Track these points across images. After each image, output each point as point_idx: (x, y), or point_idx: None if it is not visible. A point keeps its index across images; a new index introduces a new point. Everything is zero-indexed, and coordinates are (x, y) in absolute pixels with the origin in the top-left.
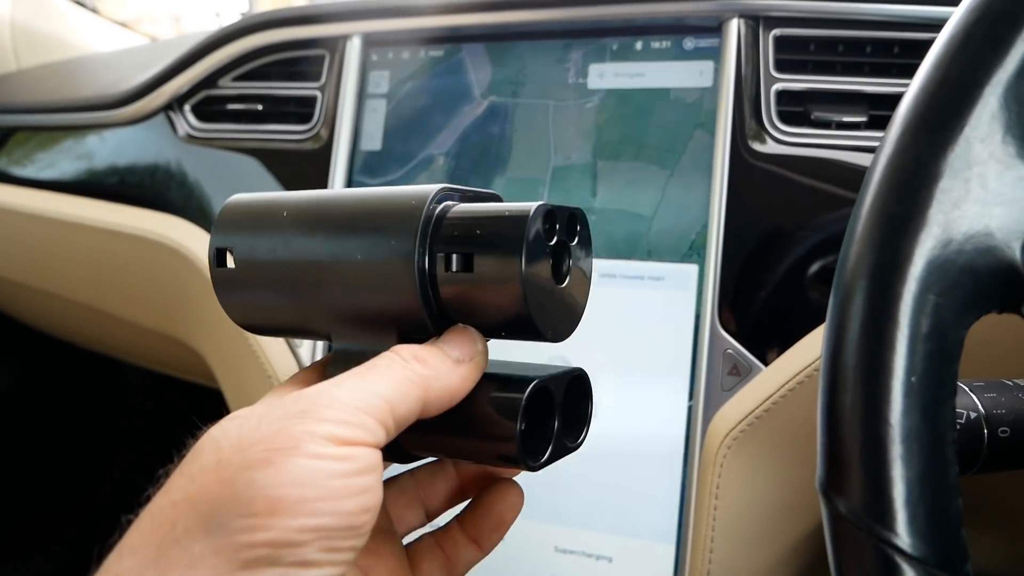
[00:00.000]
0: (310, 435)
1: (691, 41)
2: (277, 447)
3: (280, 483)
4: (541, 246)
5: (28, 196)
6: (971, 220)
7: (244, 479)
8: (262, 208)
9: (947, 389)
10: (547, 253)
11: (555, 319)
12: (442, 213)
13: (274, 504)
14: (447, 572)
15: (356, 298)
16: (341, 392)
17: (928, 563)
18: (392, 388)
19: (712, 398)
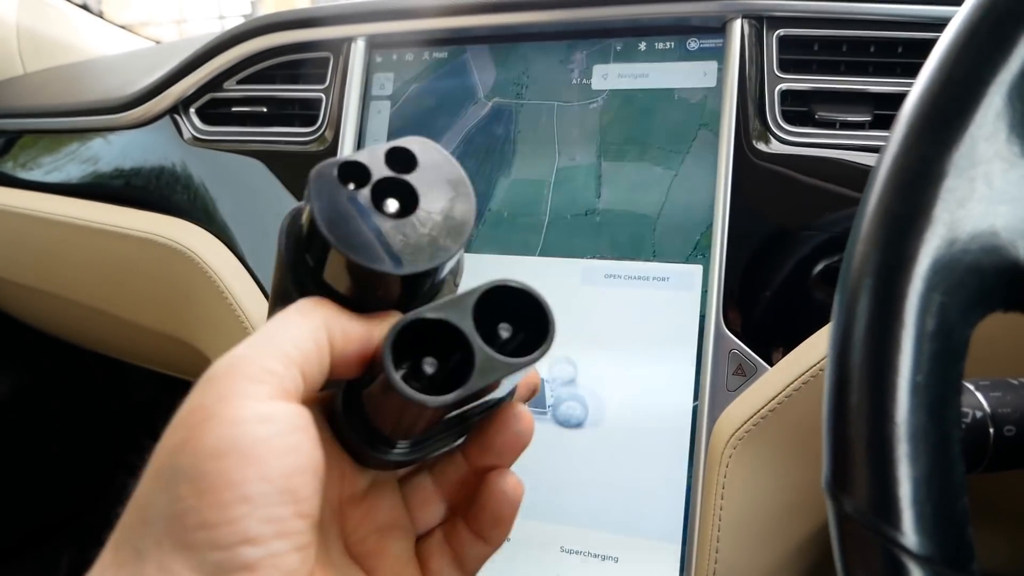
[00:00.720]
0: (222, 399)
1: (695, 41)
2: (193, 423)
3: (199, 460)
4: (341, 194)
5: (34, 199)
6: (976, 219)
7: (167, 466)
8: None
9: (953, 388)
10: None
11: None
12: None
13: (196, 484)
14: (458, 568)
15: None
16: (243, 348)
17: (935, 562)
18: (291, 327)
19: (717, 398)
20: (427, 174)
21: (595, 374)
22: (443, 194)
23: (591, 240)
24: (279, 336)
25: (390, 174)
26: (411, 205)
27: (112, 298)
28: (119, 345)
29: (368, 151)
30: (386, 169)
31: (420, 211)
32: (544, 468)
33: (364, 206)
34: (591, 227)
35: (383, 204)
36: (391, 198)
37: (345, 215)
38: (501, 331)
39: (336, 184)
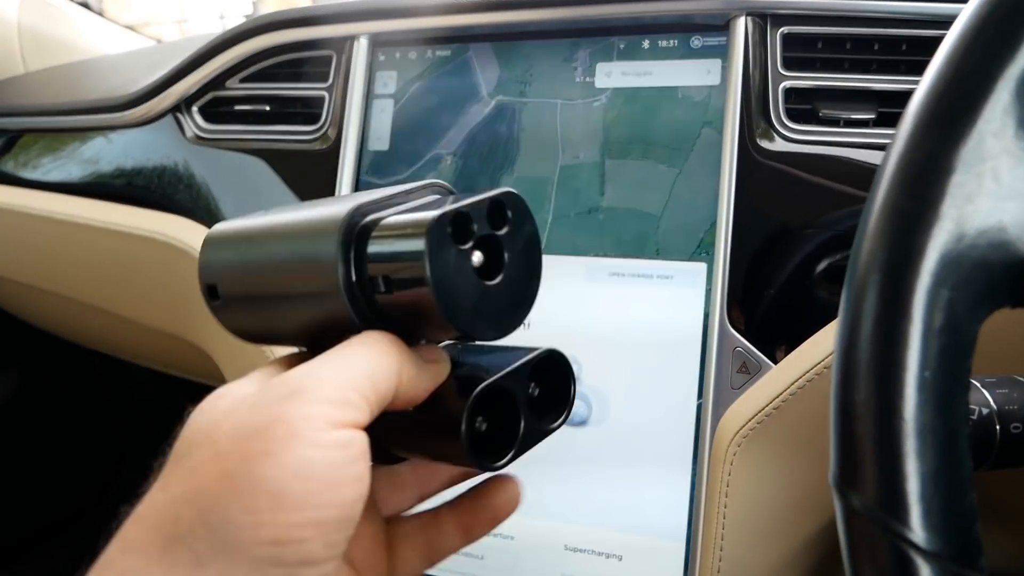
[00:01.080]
0: (307, 419)
1: (698, 39)
2: (277, 436)
3: (282, 476)
4: (450, 254)
5: (36, 198)
6: (984, 215)
7: (244, 473)
8: (233, 240)
9: (961, 384)
10: (465, 256)
11: (495, 316)
12: (364, 230)
13: (276, 500)
14: (425, 558)
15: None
16: (325, 371)
17: (943, 558)
18: (371, 362)
19: (721, 396)
20: (513, 232)
21: (599, 372)
22: (522, 258)
23: (595, 238)
24: (361, 369)
25: (489, 231)
26: (497, 265)
27: (114, 297)
28: (121, 344)
29: (471, 202)
30: (486, 224)
31: (505, 275)
32: (548, 466)
33: (469, 269)
34: (595, 225)
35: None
36: (477, 251)
37: (452, 278)
38: (532, 389)
39: (449, 243)
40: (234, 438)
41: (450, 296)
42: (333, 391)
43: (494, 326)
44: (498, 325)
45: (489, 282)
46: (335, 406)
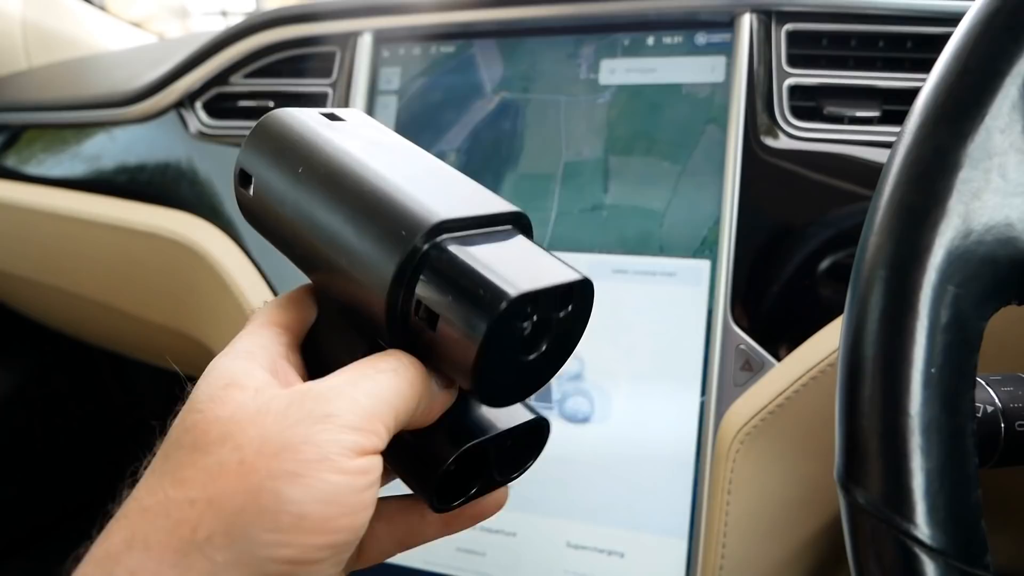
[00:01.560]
0: (336, 445)
1: (703, 36)
2: (306, 459)
3: (308, 499)
4: (510, 328)
5: (40, 193)
6: (991, 211)
7: (272, 491)
8: (287, 148)
9: (967, 380)
10: (519, 331)
11: (510, 386)
12: (431, 252)
13: (300, 522)
14: (398, 542)
15: (338, 287)
16: (359, 395)
17: (948, 554)
18: (399, 393)
19: (724, 394)
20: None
21: (602, 369)
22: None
23: (598, 235)
24: (391, 400)
25: (550, 314)
26: (538, 342)
27: (118, 293)
28: (125, 340)
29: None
30: (552, 307)
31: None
32: (550, 463)
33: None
34: (598, 222)
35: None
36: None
37: (497, 351)
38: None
39: (514, 320)
40: (261, 451)
41: (487, 366)
42: (363, 419)
43: (503, 395)
44: (506, 395)
45: (527, 357)
46: (363, 434)
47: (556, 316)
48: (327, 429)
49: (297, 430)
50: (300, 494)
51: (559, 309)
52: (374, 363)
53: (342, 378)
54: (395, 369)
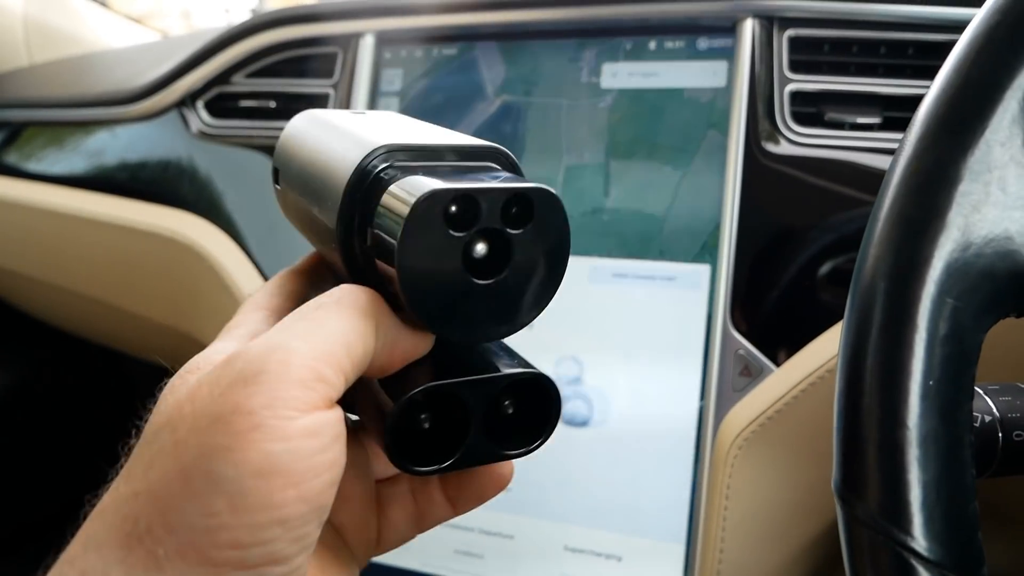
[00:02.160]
0: (271, 409)
1: (705, 41)
2: (237, 430)
3: (242, 475)
4: (438, 236)
5: (40, 191)
6: (990, 224)
7: (203, 471)
8: (302, 134)
9: (965, 392)
10: (455, 243)
11: (475, 319)
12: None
13: (235, 501)
14: (415, 523)
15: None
16: (294, 343)
17: (944, 566)
18: (346, 325)
19: (723, 399)
20: (534, 234)
21: (601, 373)
22: (536, 267)
23: (599, 239)
24: (333, 334)
25: (499, 227)
26: (500, 265)
27: (117, 291)
28: (123, 338)
29: (489, 186)
30: (499, 218)
31: (503, 279)
32: (549, 466)
33: (457, 261)
34: (599, 226)
35: (473, 247)
36: (482, 242)
37: (428, 265)
38: (506, 406)
39: (440, 226)
40: (193, 428)
41: (419, 285)
42: (303, 369)
43: (463, 329)
44: (469, 330)
45: (480, 280)
46: (304, 387)
47: (512, 234)
48: (259, 391)
49: (227, 398)
50: (232, 470)
51: (514, 225)
52: (315, 302)
53: (280, 330)
54: (340, 301)
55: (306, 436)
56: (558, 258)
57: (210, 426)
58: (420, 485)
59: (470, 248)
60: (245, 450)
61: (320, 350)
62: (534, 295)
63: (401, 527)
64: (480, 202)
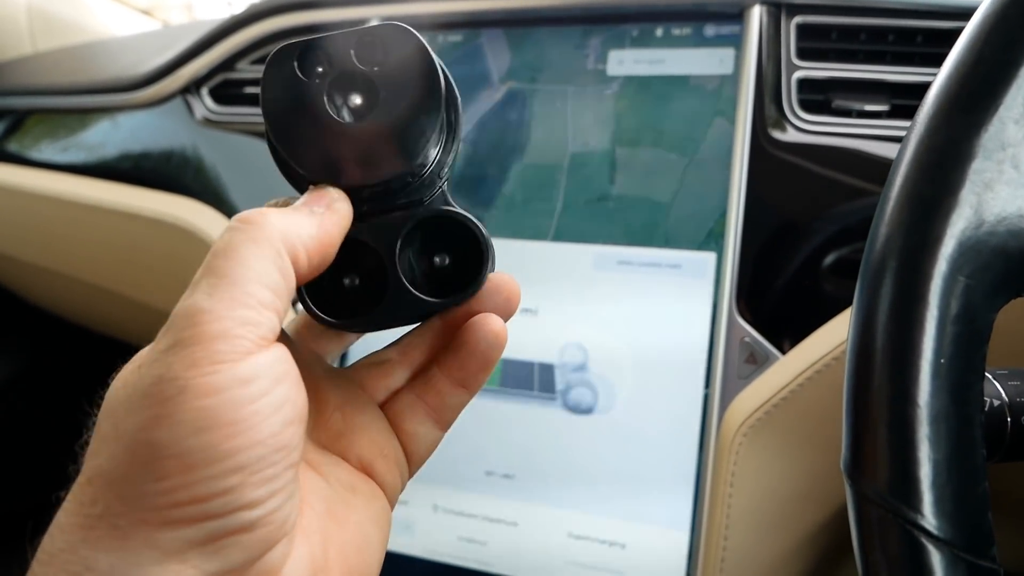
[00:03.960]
0: (193, 368)
1: (712, 28)
2: (164, 397)
3: (182, 437)
4: (296, 86)
5: (44, 178)
6: (1004, 201)
7: (144, 444)
8: None
9: (976, 372)
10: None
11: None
12: None
13: (184, 461)
14: (437, 424)
15: None
16: (203, 300)
17: (954, 545)
18: (254, 266)
19: (728, 386)
20: (396, 70)
21: (606, 360)
22: (407, 98)
23: (604, 226)
24: (240, 277)
25: (354, 67)
26: (370, 106)
27: (121, 278)
28: (127, 326)
29: (338, 36)
30: (352, 60)
31: (375, 116)
32: (553, 453)
33: (319, 105)
34: (604, 213)
35: (344, 100)
36: (355, 92)
37: (295, 113)
38: (436, 260)
39: (294, 73)
40: (128, 408)
41: (285, 131)
42: (220, 322)
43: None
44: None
45: (353, 120)
46: (225, 339)
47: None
48: (180, 357)
49: (153, 371)
50: (170, 434)
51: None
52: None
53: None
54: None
55: (240, 384)
56: (430, 88)
57: (142, 401)
58: (424, 385)
59: (346, 98)
60: (175, 414)
61: (234, 297)
62: (417, 127)
63: (423, 434)
64: (327, 48)
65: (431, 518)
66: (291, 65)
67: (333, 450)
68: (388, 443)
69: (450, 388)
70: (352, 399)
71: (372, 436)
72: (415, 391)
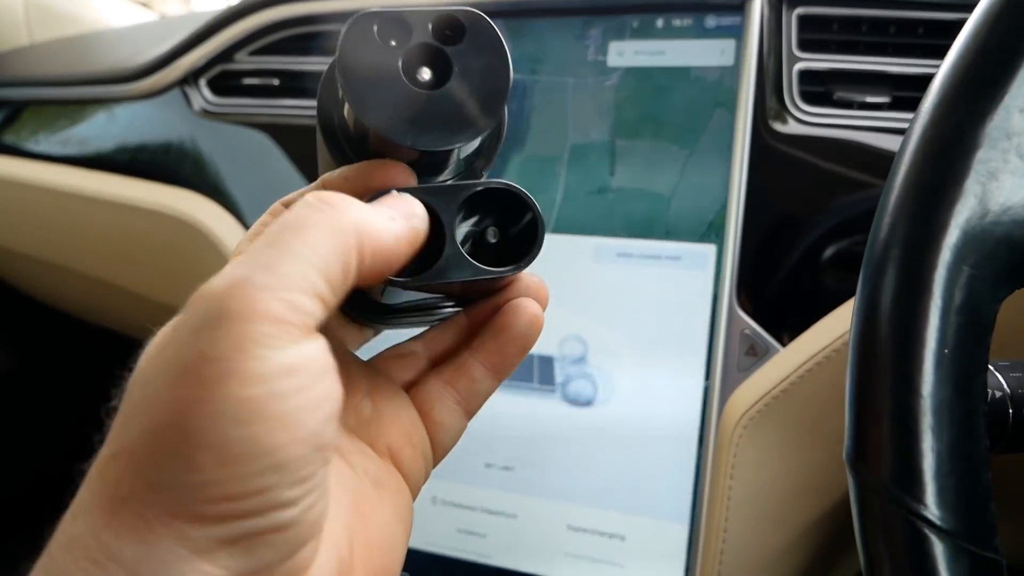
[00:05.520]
0: (240, 350)
1: (713, 19)
2: (206, 378)
3: (220, 426)
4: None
5: (41, 170)
6: (1008, 191)
7: (178, 427)
8: None
9: (979, 363)
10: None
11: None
12: None
13: (220, 454)
14: (464, 412)
15: None
16: (258, 275)
17: (957, 536)
18: (319, 251)
19: (728, 378)
20: (470, 50)
21: (606, 353)
22: (478, 76)
23: (604, 218)
24: (305, 257)
25: (431, 41)
26: (443, 79)
27: (119, 270)
28: (126, 318)
29: (417, 12)
30: (429, 35)
31: (449, 87)
32: (552, 446)
33: (394, 68)
34: (604, 205)
35: (417, 71)
36: (425, 67)
37: (371, 73)
38: (488, 234)
39: (372, 37)
40: (163, 382)
41: (362, 90)
42: (271, 303)
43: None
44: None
45: (425, 89)
46: (275, 322)
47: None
48: (226, 334)
49: (193, 346)
50: (209, 422)
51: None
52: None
53: (241, 258)
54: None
55: (286, 374)
56: (499, 67)
57: (179, 379)
58: (456, 370)
59: (416, 71)
60: (219, 400)
61: (291, 277)
62: (484, 100)
63: (451, 424)
64: (409, 21)
65: (430, 510)
66: (370, 30)
67: (362, 437)
68: (416, 432)
69: (483, 374)
70: (381, 386)
71: (402, 424)
72: (443, 378)
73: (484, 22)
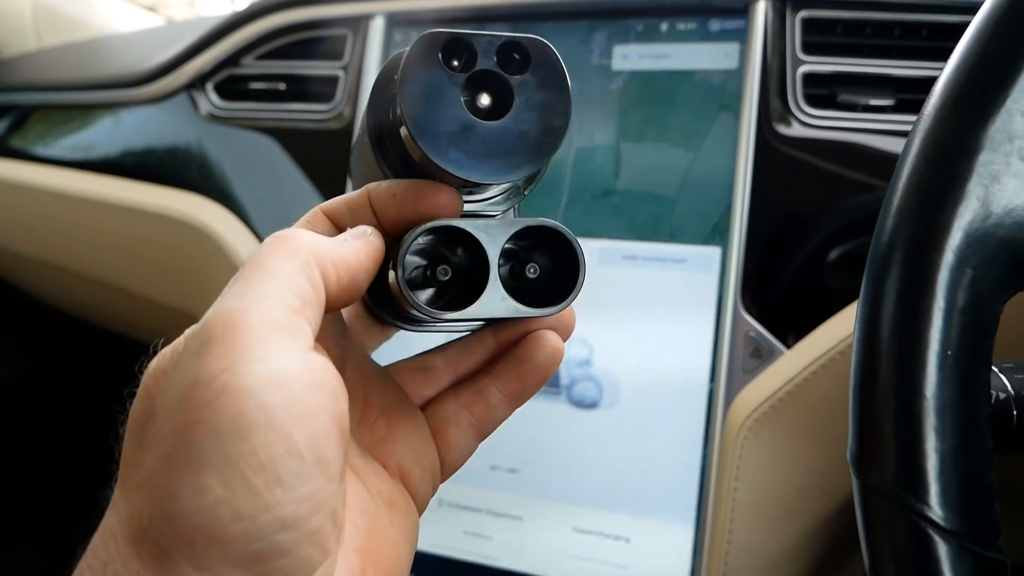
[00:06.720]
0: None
1: (717, 23)
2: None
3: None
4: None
5: (49, 174)
6: (1011, 193)
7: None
8: None
9: (982, 364)
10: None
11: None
12: None
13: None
14: (475, 435)
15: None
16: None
17: (961, 536)
18: (281, 275)
19: (733, 380)
20: (534, 81)
21: (611, 355)
22: (539, 110)
23: (609, 220)
24: (269, 278)
25: (494, 68)
26: (503, 108)
27: (126, 273)
28: (133, 322)
29: (485, 36)
30: (494, 62)
31: (508, 120)
32: (558, 448)
33: (455, 93)
34: (609, 207)
35: (476, 97)
36: (485, 92)
37: (430, 95)
38: (528, 270)
39: (437, 58)
40: (165, 413)
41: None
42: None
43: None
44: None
45: (482, 120)
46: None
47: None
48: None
49: (187, 373)
50: (212, 441)
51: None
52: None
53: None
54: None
55: (276, 387)
56: (561, 103)
57: (179, 406)
58: (474, 395)
59: (475, 97)
60: (216, 418)
61: (262, 299)
62: (543, 136)
63: (463, 446)
64: (475, 46)
65: (436, 512)
66: (436, 51)
67: (374, 455)
68: (428, 453)
69: (500, 400)
70: (397, 403)
71: (415, 445)
72: (460, 401)
73: (551, 53)
